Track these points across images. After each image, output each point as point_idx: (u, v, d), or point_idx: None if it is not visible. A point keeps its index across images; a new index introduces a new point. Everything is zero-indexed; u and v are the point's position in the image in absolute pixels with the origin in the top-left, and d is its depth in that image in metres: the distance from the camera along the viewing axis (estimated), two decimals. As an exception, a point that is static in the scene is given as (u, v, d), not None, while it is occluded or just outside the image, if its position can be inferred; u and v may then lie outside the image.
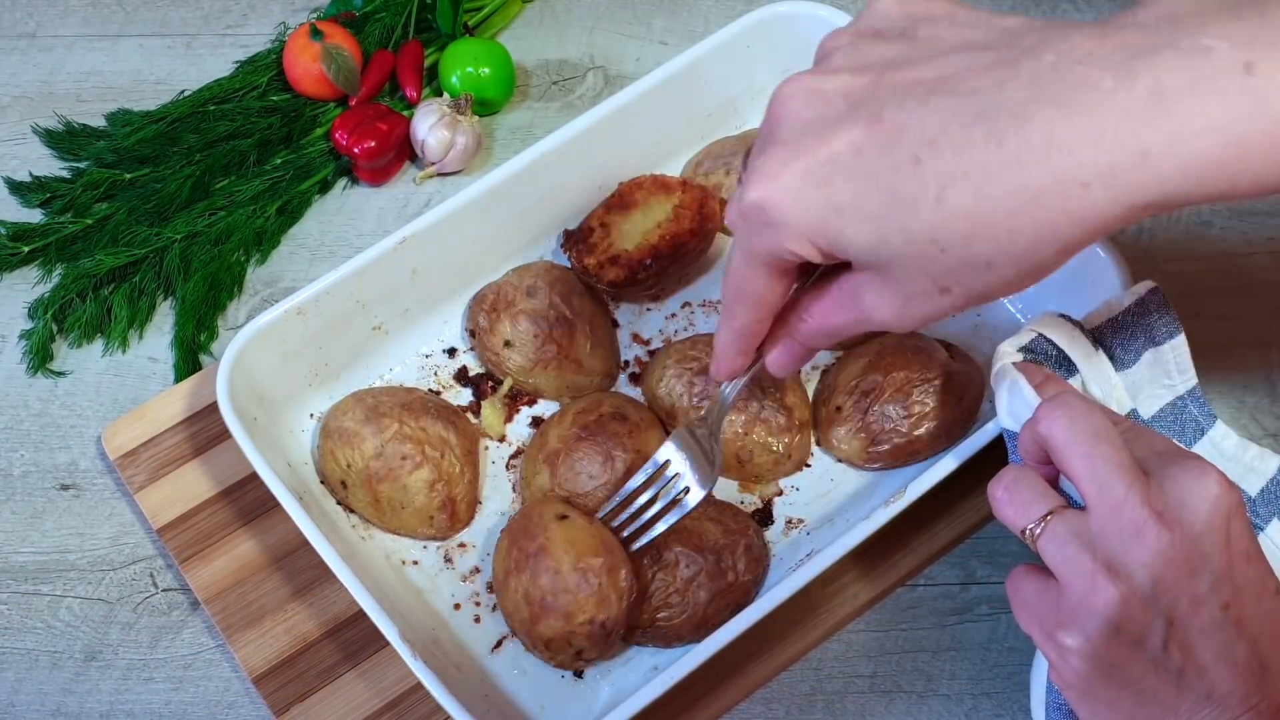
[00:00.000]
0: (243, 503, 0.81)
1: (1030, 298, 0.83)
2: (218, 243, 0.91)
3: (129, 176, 0.94)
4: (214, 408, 0.80)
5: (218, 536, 0.80)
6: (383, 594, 0.72)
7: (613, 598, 0.70)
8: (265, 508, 0.80)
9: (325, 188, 0.95)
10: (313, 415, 0.83)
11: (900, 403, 0.77)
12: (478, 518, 0.80)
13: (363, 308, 0.81)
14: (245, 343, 0.77)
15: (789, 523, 0.79)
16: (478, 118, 0.95)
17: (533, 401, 0.84)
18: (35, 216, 0.94)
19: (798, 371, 0.82)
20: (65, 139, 0.97)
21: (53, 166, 0.97)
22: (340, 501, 0.79)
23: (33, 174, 0.96)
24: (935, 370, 0.78)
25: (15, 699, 0.77)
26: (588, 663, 0.73)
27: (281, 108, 0.97)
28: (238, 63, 1.00)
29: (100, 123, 0.98)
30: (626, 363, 0.85)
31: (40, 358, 0.87)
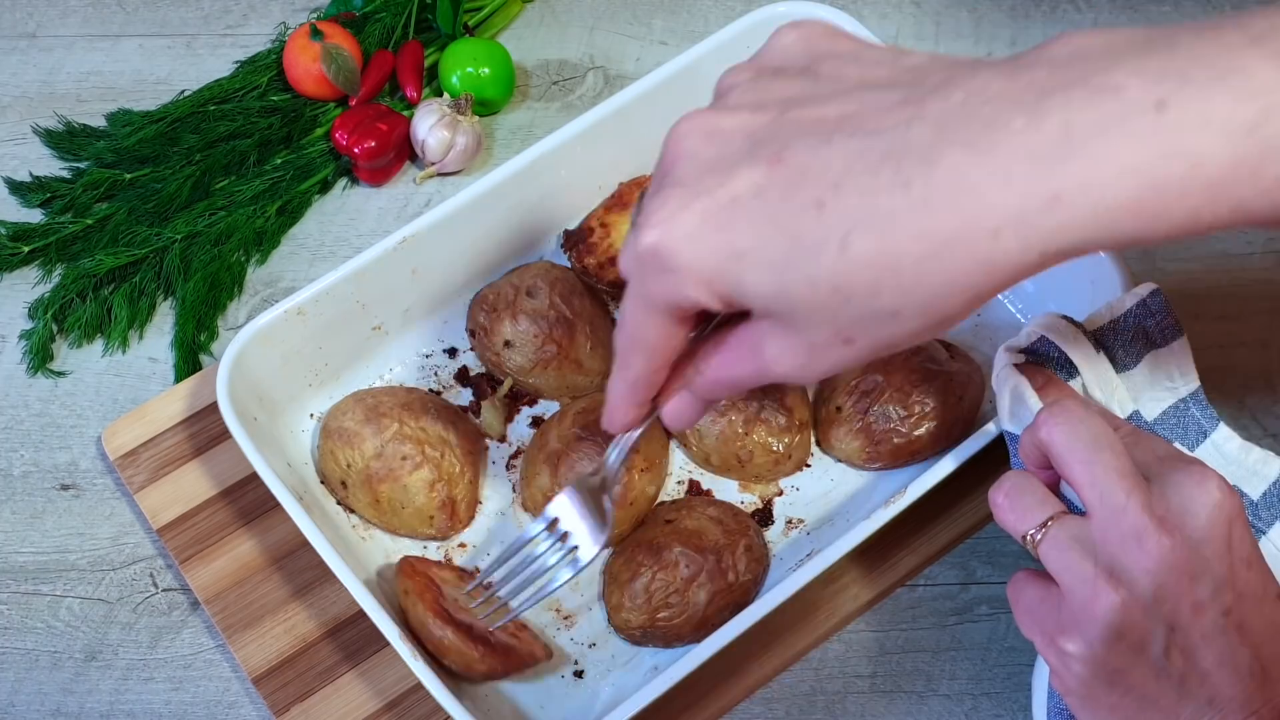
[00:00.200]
0: (243, 503, 0.81)
1: (1031, 298, 0.83)
2: (218, 243, 0.91)
3: (129, 176, 0.94)
4: (214, 408, 0.80)
5: (218, 536, 0.80)
6: (383, 594, 0.72)
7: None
8: (265, 508, 0.80)
9: (325, 188, 0.95)
10: (313, 415, 0.83)
11: (900, 403, 0.77)
12: (478, 518, 0.80)
13: (363, 308, 0.81)
14: (245, 343, 0.77)
15: (789, 523, 0.79)
16: (478, 118, 0.95)
17: (533, 401, 0.84)
18: (35, 216, 0.94)
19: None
20: (65, 139, 0.97)
21: (53, 166, 0.97)
22: (340, 501, 0.79)
23: (33, 174, 0.96)
24: (935, 370, 0.78)
25: (15, 699, 0.77)
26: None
27: (281, 108, 0.97)
28: (238, 63, 1.00)
29: (100, 123, 0.98)
30: (626, 363, 0.85)
31: (40, 358, 0.87)
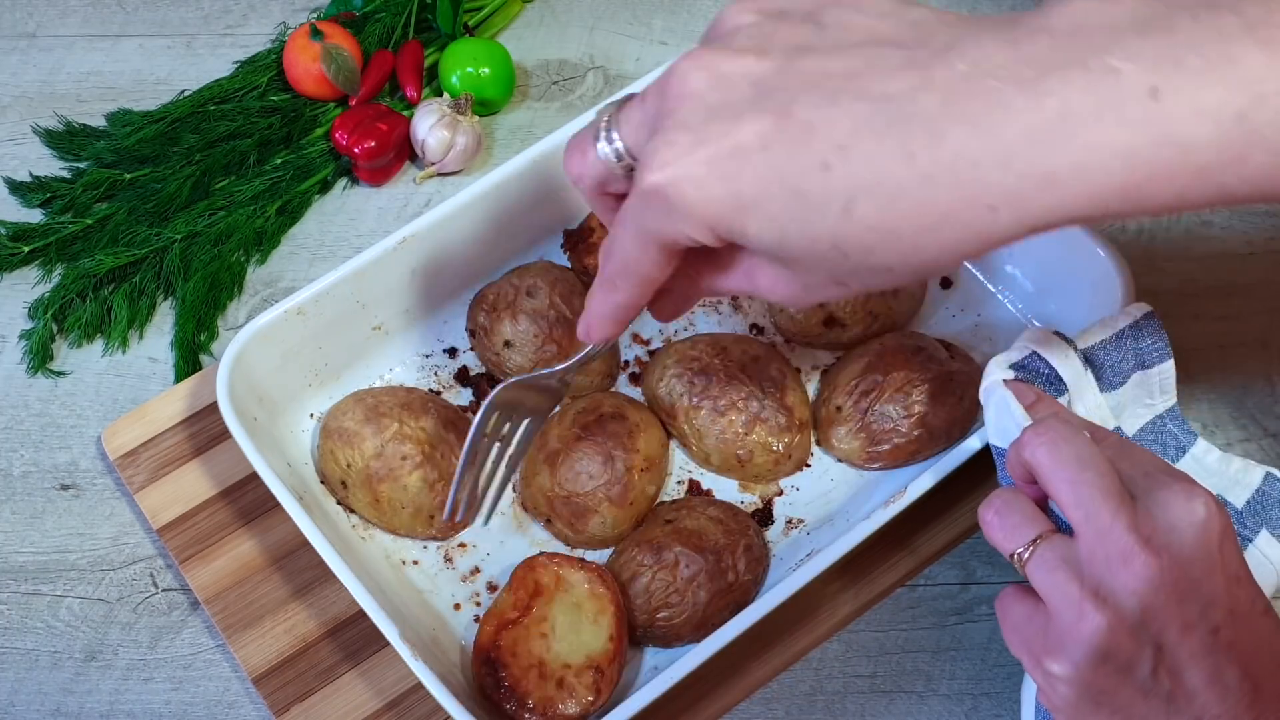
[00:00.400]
0: (243, 503, 0.81)
1: (1031, 298, 0.83)
2: (218, 243, 0.91)
3: (129, 176, 0.94)
4: (214, 408, 0.80)
5: (218, 536, 0.80)
6: (383, 594, 0.72)
7: None
8: (265, 508, 0.80)
9: (325, 188, 0.95)
10: (313, 415, 0.83)
11: (900, 403, 0.77)
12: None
13: (363, 308, 0.81)
14: (245, 343, 0.77)
15: (789, 523, 0.79)
16: (478, 118, 0.95)
17: (533, 401, 0.84)
18: (35, 216, 0.94)
19: (797, 371, 0.83)
20: (65, 139, 0.97)
21: (53, 166, 0.97)
22: (340, 501, 0.79)
23: (33, 174, 0.96)
24: (935, 370, 0.78)
25: (15, 699, 0.77)
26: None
27: (281, 108, 0.97)
28: (238, 63, 1.00)
29: (100, 123, 0.98)
30: (626, 363, 0.85)
31: (40, 358, 0.87)
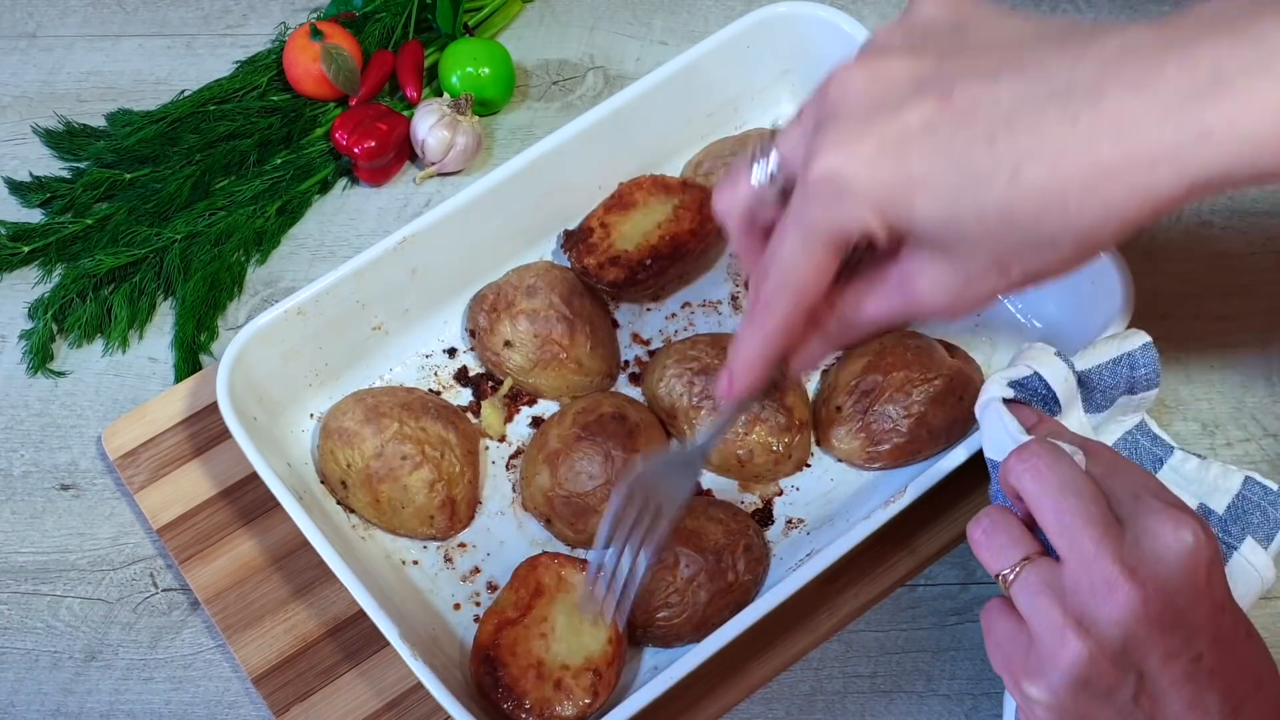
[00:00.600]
0: (243, 503, 0.81)
1: (1031, 299, 0.83)
2: (218, 243, 0.91)
3: (129, 176, 0.94)
4: (214, 408, 0.80)
5: (218, 536, 0.80)
6: (383, 594, 0.72)
7: None
8: (265, 508, 0.80)
9: (325, 188, 0.95)
10: (313, 415, 0.83)
11: (900, 403, 0.77)
12: (478, 518, 0.80)
13: (363, 308, 0.81)
14: (245, 343, 0.77)
15: (789, 523, 0.79)
16: (478, 118, 0.95)
17: (533, 401, 0.84)
18: (35, 216, 0.94)
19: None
20: (65, 139, 0.97)
21: (53, 166, 0.97)
22: (340, 501, 0.79)
23: (33, 174, 0.96)
24: (935, 370, 0.78)
25: (15, 699, 0.77)
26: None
27: (281, 108, 0.97)
28: (238, 63, 1.00)
29: (100, 123, 0.98)
30: (626, 363, 0.85)
31: (40, 358, 0.87)
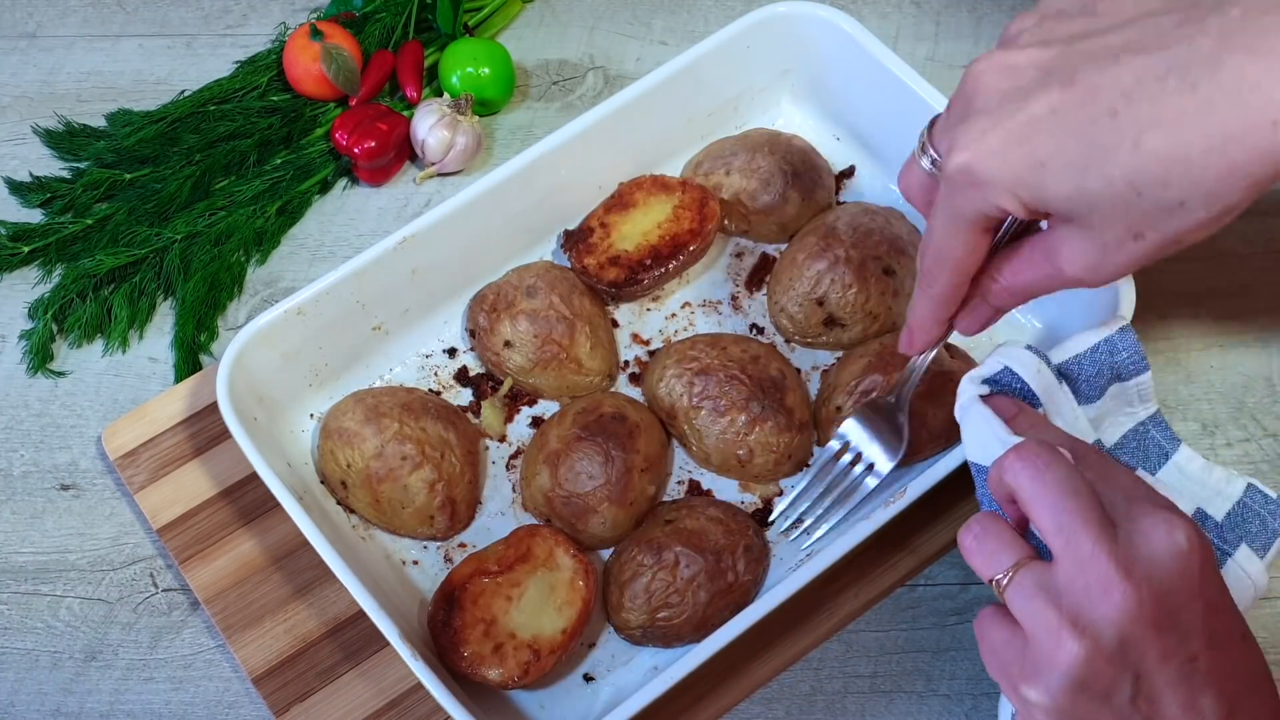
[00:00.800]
0: (243, 503, 0.81)
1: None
2: (218, 243, 0.91)
3: (129, 176, 0.94)
4: (214, 408, 0.80)
5: (218, 536, 0.80)
6: (383, 594, 0.72)
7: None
8: (265, 508, 0.80)
9: (325, 188, 0.95)
10: (313, 415, 0.83)
11: (899, 403, 0.77)
12: (478, 518, 0.80)
13: (363, 308, 0.81)
14: (245, 343, 0.77)
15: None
16: (478, 118, 0.95)
17: (533, 401, 0.84)
18: (35, 216, 0.94)
19: (797, 371, 0.83)
20: (65, 139, 0.97)
21: (53, 166, 0.97)
22: (340, 501, 0.79)
23: (33, 174, 0.96)
24: (935, 370, 0.78)
25: (15, 699, 0.77)
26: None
27: (281, 108, 0.97)
28: (238, 63, 1.00)
29: (100, 123, 0.98)
30: (626, 363, 0.85)
31: (40, 358, 0.87)
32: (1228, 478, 0.71)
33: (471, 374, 0.84)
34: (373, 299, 0.81)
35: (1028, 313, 0.84)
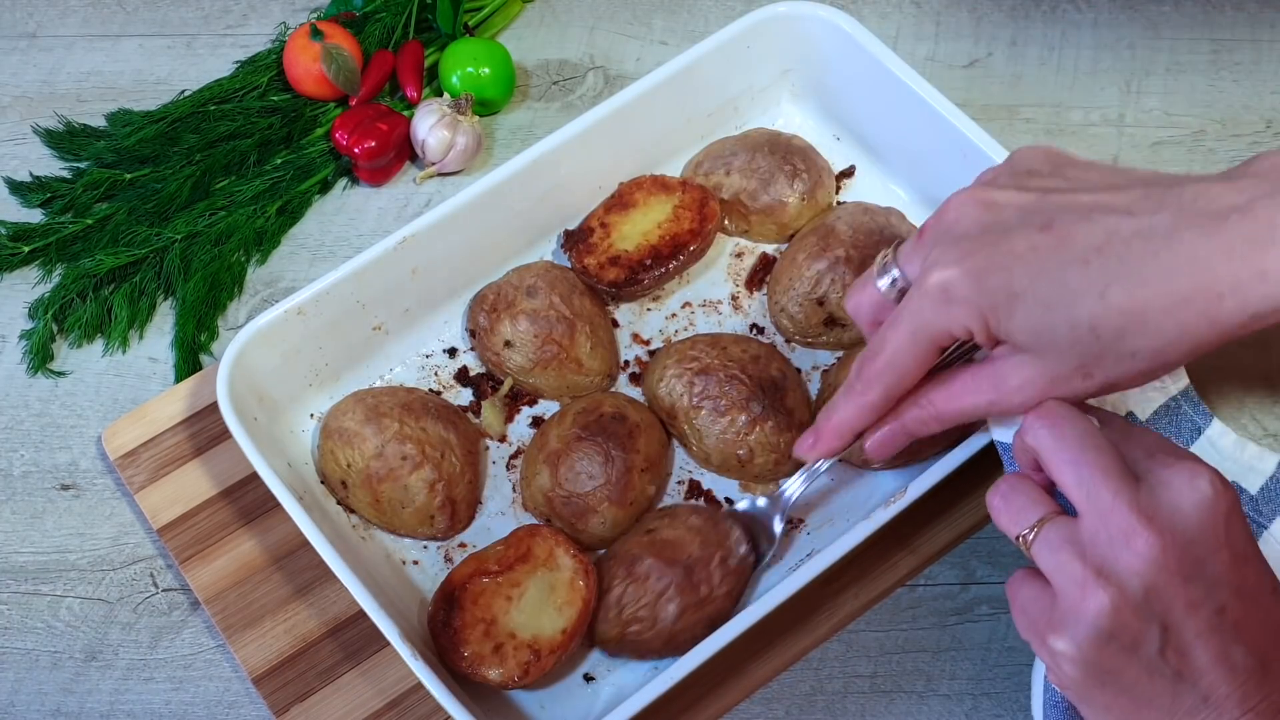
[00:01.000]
0: (243, 503, 0.81)
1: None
2: (218, 243, 0.91)
3: (129, 176, 0.94)
4: (214, 408, 0.80)
5: (218, 536, 0.80)
6: (383, 594, 0.72)
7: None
8: (265, 508, 0.80)
9: (325, 188, 0.95)
10: (313, 415, 0.83)
11: (900, 403, 0.77)
12: (478, 518, 0.80)
13: (363, 308, 0.81)
14: (245, 343, 0.77)
15: (789, 523, 0.79)
16: (478, 118, 0.95)
17: (533, 401, 0.84)
18: (35, 216, 0.94)
19: (798, 371, 0.83)
20: (65, 139, 0.97)
21: (53, 166, 0.97)
22: (340, 501, 0.79)
23: (33, 174, 0.96)
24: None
25: (15, 699, 0.77)
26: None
27: (281, 108, 0.97)
28: (238, 63, 1.00)
29: (100, 123, 0.98)
30: (626, 363, 0.85)
31: (40, 358, 0.87)
32: (1260, 454, 0.71)
33: (471, 374, 0.84)
34: (373, 299, 0.81)
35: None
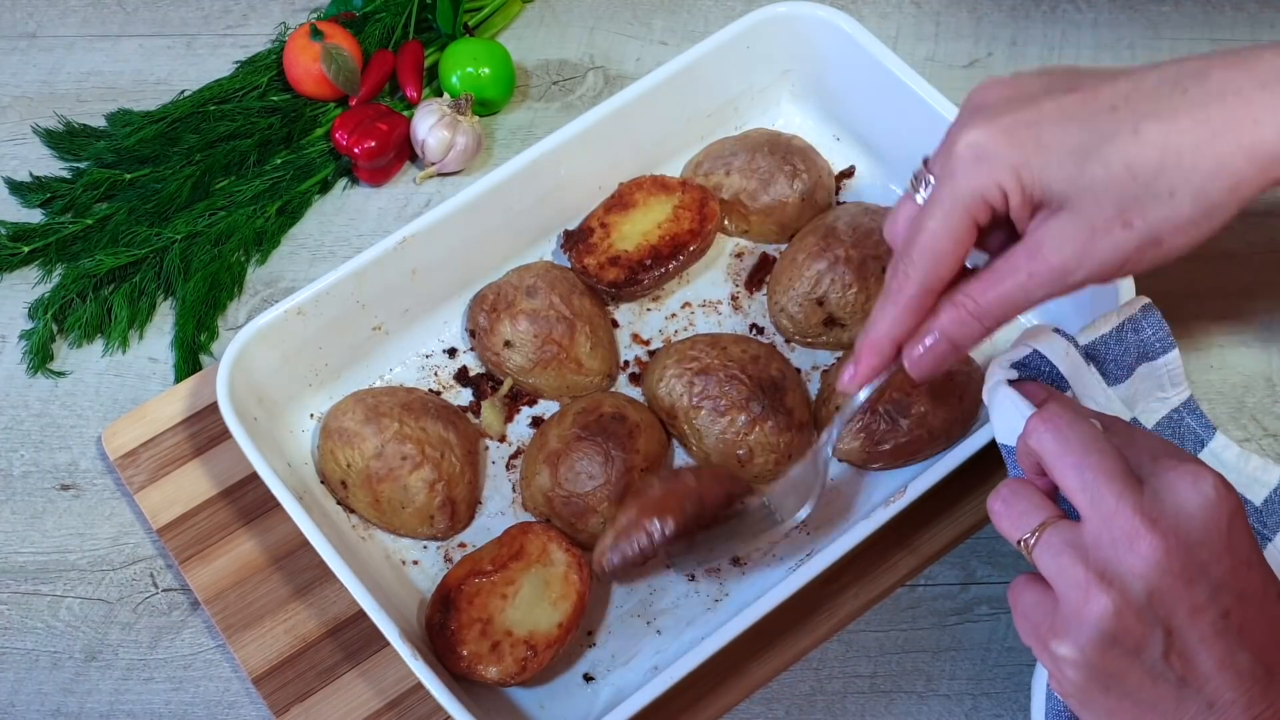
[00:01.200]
0: (243, 503, 0.81)
1: (1030, 298, 0.83)
2: (218, 243, 0.91)
3: (129, 176, 0.94)
4: (214, 408, 0.80)
5: (218, 536, 0.80)
6: (383, 594, 0.72)
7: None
8: (265, 508, 0.80)
9: (325, 188, 0.95)
10: (313, 415, 0.83)
11: (900, 403, 0.77)
12: (478, 518, 0.80)
13: (363, 308, 0.81)
14: (245, 343, 0.77)
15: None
16: (478, 118, 0.95)
17: (533, 401, 0.84)
18: (35, 216, 0.94)
19: (797, 371, 0.83)
20: (65, 139, 0.97)
21: (53, 166, 0.97)
22: (340, 501, 0.79)
23: (33, 174, 0.96)
24: (935, 370, 0.78)
25: (15, 699, 0.77)
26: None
27: (281, 108, 0.97)
28: (238, 63, 1.00)
29: (100, 123, 0.98)
30: (626, 363, 0.85)
31: (40, 358, 0.87)
32: (1264, 466, 0.71)
33: (471, 374, 0.84)
34: (373, 299, 0.81)
35: (1028, 315, 0.84)
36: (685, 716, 0.73)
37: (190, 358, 0.87)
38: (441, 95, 0.96)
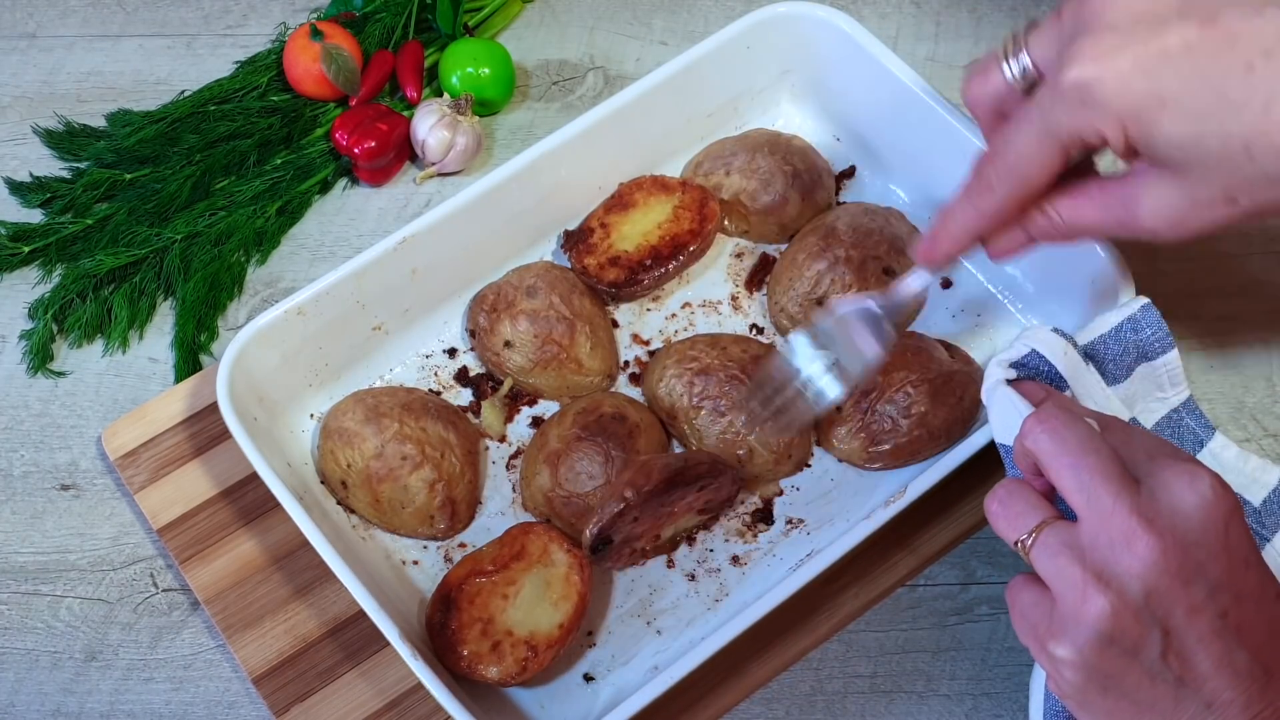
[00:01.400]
0: (243, 503, 0.81)
1: (1031, 298, 0.83)
2: (218, 243, 0.91)
3: (129, 176, 0.94)
4: (214, 408, 0.80)
5: (218, 536, 0.80)
6: (383, 594, 0.72)
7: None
8: (265, 508, 0.80)
9: (325, 188, 0.95)
10: (313, 415, 0.83)
11: (900, 403, 0.77)
12: (478, 518, 0.80)
13: (363, 308, 0.81)
14: (245, 343, 0.77)
15: (789, 523, 0.79)
16: (478, 118, 0.95)
17: (533, 401, 0.84)
18: (35, 216, 0.94)
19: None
20: (65, 139, 0.97)
21: (53, 166, 0.97)
22: (340, 501, 0.79)
23: (33, 174, 0.96)
24: (935, 370, 0.78)
25: (15, 699, 0.77)
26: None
27: (281, 108, 0.97)
28: (238, 63, 1.00)
29: (100, 123, 0.98)
30: (626, 363, 0.85)
31: (40, 358, 0.87)
32: (1263, 466, 0.71)
33: (471, 374, 0.85)
34: (373, 299, 0.81)
35: (1027, 314, 0.84)
36: (685, 716, 0.73)
37: (190, 358, 0.87)
38: (441, 95, 0.96)
